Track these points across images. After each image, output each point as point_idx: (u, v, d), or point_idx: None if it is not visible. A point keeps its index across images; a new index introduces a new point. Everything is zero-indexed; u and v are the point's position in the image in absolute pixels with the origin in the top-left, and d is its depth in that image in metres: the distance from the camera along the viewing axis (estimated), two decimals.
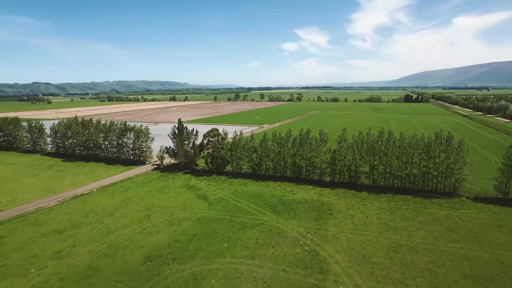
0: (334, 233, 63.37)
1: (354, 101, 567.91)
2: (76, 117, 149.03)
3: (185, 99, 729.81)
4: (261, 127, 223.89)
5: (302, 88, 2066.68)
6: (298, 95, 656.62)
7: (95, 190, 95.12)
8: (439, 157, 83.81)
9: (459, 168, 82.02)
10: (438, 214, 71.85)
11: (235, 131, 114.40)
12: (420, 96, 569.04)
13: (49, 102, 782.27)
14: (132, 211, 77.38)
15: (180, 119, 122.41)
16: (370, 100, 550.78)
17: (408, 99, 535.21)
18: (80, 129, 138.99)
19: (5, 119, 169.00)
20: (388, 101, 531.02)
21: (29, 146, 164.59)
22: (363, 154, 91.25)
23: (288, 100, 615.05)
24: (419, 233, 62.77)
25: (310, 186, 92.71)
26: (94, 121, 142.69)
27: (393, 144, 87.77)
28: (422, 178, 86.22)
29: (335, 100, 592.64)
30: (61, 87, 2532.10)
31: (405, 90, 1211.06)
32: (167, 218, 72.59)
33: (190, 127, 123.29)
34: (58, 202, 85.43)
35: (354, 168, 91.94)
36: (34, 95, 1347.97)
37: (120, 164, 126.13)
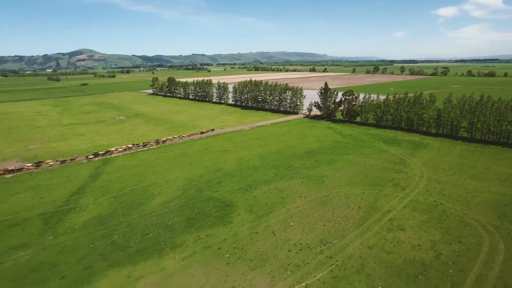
0: (421, 154, 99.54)
1: None
2: (251, 80, 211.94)
3: (324, 70, 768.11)
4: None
5: (456, 61, 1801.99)
6: (443, 69, 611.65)
7: (268, 124, 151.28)
8: None
9: None
10: None
11: (365, 93, 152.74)
12: None
13: (209, 71, 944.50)
14: (294, 135, 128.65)
15: (326, 82, 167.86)
16: None
17: None
18: (253, 87, 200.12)
19: (202, 81, 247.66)
20: None
21: (216, 99, 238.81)
22: (464, 113, 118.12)
23: (431, 74, 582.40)
24: (484, 162, 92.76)
25: (417, 134, 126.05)
26: (263, 82, 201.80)
27: (491, 106, 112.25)
28: None
29: (490, 75, 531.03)
30: (212, 57, 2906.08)
31: None
32: (316, 139, 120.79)
33: None
34: (249, 128, 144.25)
35: (456, 123, 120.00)
36: (194, 65, 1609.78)
37: (280, 113, 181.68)
